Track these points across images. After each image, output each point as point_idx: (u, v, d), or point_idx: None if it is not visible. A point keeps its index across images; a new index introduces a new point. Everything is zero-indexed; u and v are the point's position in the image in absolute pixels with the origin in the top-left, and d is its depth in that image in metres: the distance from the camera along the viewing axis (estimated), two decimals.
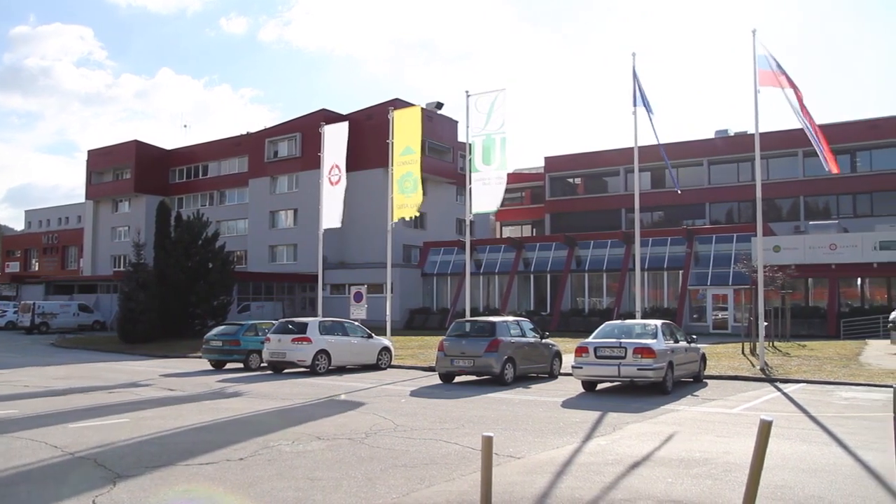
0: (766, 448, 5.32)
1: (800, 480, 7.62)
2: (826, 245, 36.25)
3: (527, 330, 18.83)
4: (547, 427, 11.16)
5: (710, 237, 40.32)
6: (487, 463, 5.39)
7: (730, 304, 37.48)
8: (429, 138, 51.58)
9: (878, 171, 45.53)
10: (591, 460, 8.76)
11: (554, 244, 44.73)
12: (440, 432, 10.65)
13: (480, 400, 14.55)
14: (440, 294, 47.13)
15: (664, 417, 12.18)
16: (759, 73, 19.24)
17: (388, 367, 22.04)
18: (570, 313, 41.55)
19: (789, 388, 16.19)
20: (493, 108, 23.27)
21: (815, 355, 22.64)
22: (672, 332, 16.51)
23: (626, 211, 52.52)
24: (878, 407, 13.03)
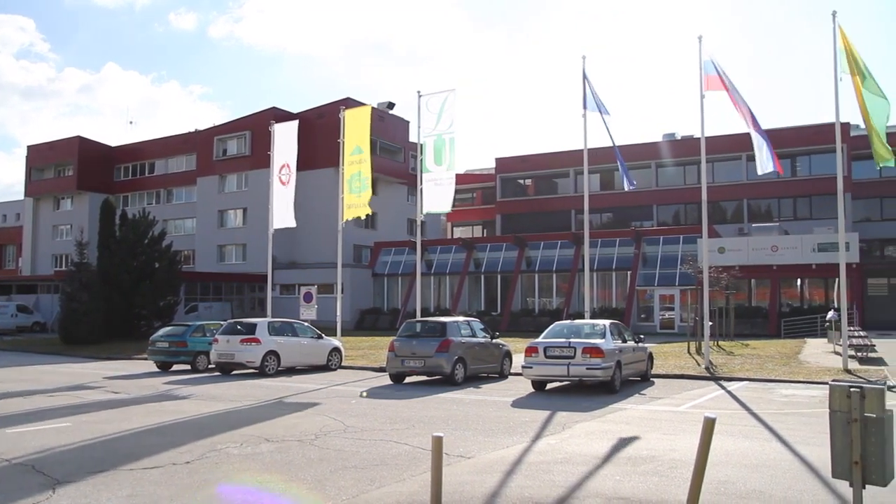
0: (710, 445, 5.44)
1: (742, 476, 7.80)
2: (768, 247, 37.26)
3: (477, 330, 18.90)
4: (497, 427, 11.21)
5: (657, 238, 41.05)
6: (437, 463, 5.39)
7: (676, 304, 38.20)
8: (380, 138, 51.40)
9: (817, 175, 46.88)
10: (541, 459, 8.82)
11: (504, 245, 44.98)
12: (390, 433, 10.62)
13: (431, 400, 14.55)
14: (391, 294, 46.99)
15: (612, 416, 12.34)
16: (704, 78, 19.64)
17: (339, 368, 21.89)
18: (521, 313, 41.83)
19: (733, 386, 16.56)
20: (444, 109, 23.29)
21: (757, 354, 23.24)
22: (620, 331, 16.74)
23: (575, 212, 53.09)
24: (815, 403, 13.42)
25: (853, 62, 17.92)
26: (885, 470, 5.34)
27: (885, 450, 5.32)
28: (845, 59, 17.99)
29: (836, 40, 18.21)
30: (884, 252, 51.42)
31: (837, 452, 5.51)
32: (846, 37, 18.14)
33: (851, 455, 5.38)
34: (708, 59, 19.57)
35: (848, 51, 18.01)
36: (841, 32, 18.19)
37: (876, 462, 5.33)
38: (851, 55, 17.96)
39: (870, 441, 5.32)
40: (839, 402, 5.50)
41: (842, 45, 18.06)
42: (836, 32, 18.23)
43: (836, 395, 5.54)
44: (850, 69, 17.89)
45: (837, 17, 18.35)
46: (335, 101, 45.48)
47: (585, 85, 21.44)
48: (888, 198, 50.24)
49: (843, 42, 18.08)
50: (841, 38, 18.14)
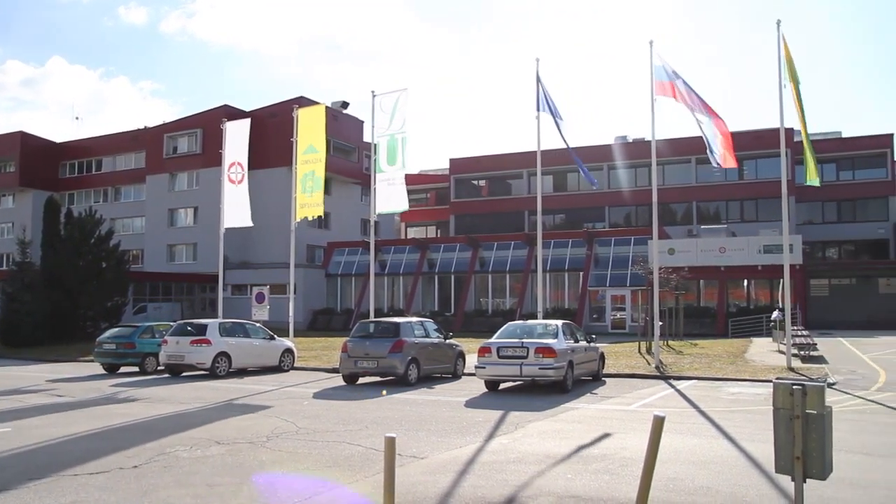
0: (659, 442, 5.53)
1: (690, 472, 7.96)
2: (716, 248, 38.07)
3: (431, 330, 18.92)
4: (450, 427, 11.24)
5: (609, 240, 41.60)
6: (390, 464, 5.38)
7: (627, 305, 38.78)
8: (334, 138, 51.09)
9: (763, 179, 48.10)
10: (494, 459, 8.88)
11: (458, 245, 45.11)
12: (343, 434, 10.56)
13: (384, 401, 14.51)
14: (344, 295, 46.74)
15: (564, 415, 12.47)
16: (655, 83, 19.97)
17: (291, 369, 21.68)
18: (474, 314, 42.00)
19: (682, 384, 16.88)
20: (397, 108, 23.27)
21: (705, 353, 23.73)
22: (572, 331, 16.92)
23: (529, 213, 53.53)
24: (760, 401, 13.75)
25: (792, 71, 18.45)
26: (825, 464, 5.51)
27: (825, 445, 5.49)
28: (787, 68, 18.49)
29: (780, 49, 18.70)
30: (825, 254, 53.05)
31: (780, 448, 5.67)
32: (788, 46, 18.65)
33: (793, 450, 5.54)
34: (660, 65, 19.90)
35: (788, 59, 18.53)
36: (784, 41, 18.68)
37: (816, 457, 5.50)
38: (791, 64, 18.48)
39: (811, 437, 5.48)
40: (782, 399, 5.66)
41: (785, 53, 18.55)
42: (780, 41, 18.72)
43: (779, 392, 5.69)
44: (791, 77, 18.41)
45: (781, 27, 18.84)
46: (289, 100, 45.10)
47: (539, 87, 21.62)
48: (829, 202, 51.85)
49: (786, 50, 18.58)
50: (783, 46, 18.63)
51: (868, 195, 51.60)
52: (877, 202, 51.89)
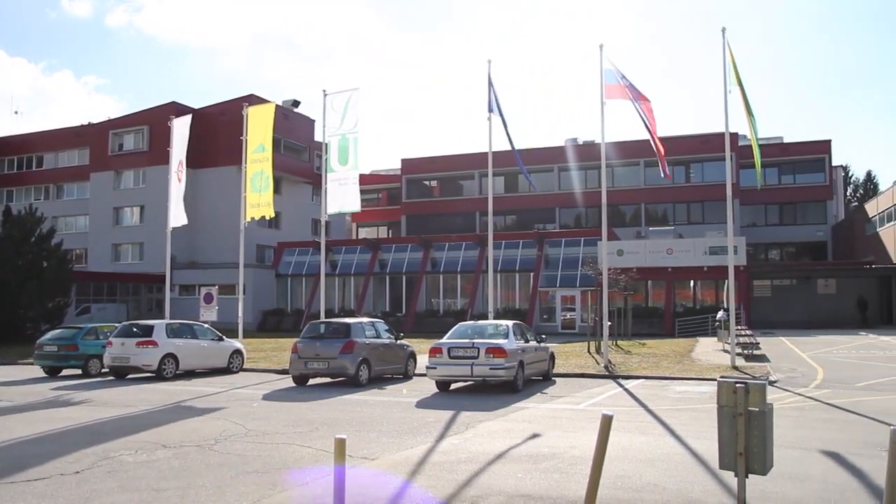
0: (608, 441, 5.62)
1: (638, 470, 8.10)
2: (664, 250, 38.79)
3: (382, 331, 18.88)
4: (401, 427, 11.22)
5: (559, 241, 42.04)
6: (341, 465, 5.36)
7: (577, 305, 39.24)
8: (285, 137, 50.60)
9: (709, 182, 49.23)
10: (445, 459, 8.90)
11: (410, 246, 45.07)
12: (293, 436, 10.47)
13: (335, 402, 14.43)
14: (295, 295, 46.31)
15: (515, 415, 12.56)
16: (605, 86, 20.27)
17: (240, 371, 21.39)
18: (426, 314, 42.02)
19: (630, 383, 17.15)
20: (348, 108, 23.15)
21: (653, 353, 24.17)
22: (523, 332, 17.06)
23: (480, 214, 53.77)
24: (706, 399, 14.05)
25: (738, 77, 18.92)
26: (766, 460, 5.67)
27: (766, 441, 5.65)
28: (733, 73, 18.95)
29: (726, 55, 19.15)
30: (768, 255, 54.57)
31: (724, 445, 5.81)
32: (732, 52, 19.12)
33: (737, 447, 5.69)
34: (610, 68, 20.20)
35: (734, 66, 18.99)
36: (729, 48, 19.14)
37: (758, 453, 5.65)
38: (736, 70, 18.95)
39: (753, 433, 5.63)
40: (726, 397, 5.80)
41: (730, 59, 19.01)
42: (725, 48, 19.17)
43: (723, 390, 5.84)
44: (738, 83, 18.88)
45: (726, 34, 19.29)
46: (239, 98, 44.53)
47: (490, 89, 21.74)
48: (771, 205, 53.38)
49: (731, 57, 19.04)
50: (729, 53, 19.08)
51: (808, 199, 53.27)
52: (816, 206, 53.60)
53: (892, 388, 15.19)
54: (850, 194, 74.97)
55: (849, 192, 74.93)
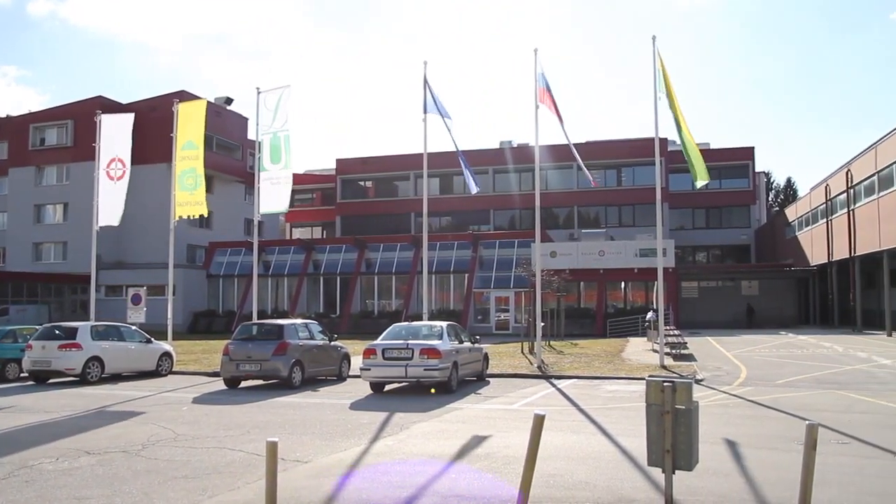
0: (540, 440, 5.70)
1: (570, 468, 8.23)
2: (596, 252, 39.54)
3: (315, 332, 18.70)
4: (335, 430, 11.14)
5: (493, 242, 42.40)
6: (272, 469, 5.29)
7: (511, 306, 39.64)
8: (218, 135, 49.65)
9: (640, 185, 50.41)
10: (379, 461, 8.87)
11: (344, 246, 44.78)
12: (224, 440, 10.28)
13: (267, 405, 14.22)
14: (226, 296, 45.46)
15: (449, 416, 12.61)
16: (539, 89, 20.54)
17: (170, 374, 20.86)
18: (360, 315, 41.82)
19: (563, 383, 17.40)
20: (280, 106, 22.87)
21: (585, 353, 24.60)
22: (457, 333, 17.13)
23: (415, 215, 53.81)
24: (635, 398, 14.37)
25: (667, 83, 19.42)
26: (692, 456, 5.85)
27: (692, 438, 5.82)
28: (663, 80, 19.44)
29: (656, 62, 19.63)
30: (695, 257, 56.20)
31: (652, 442, 5.97)
32: (662, 59, 19.61)
33: (664, 444, 5.84)
34: (542, 72, 20.48)
35: (664, 72, 19.49)
36: (659, 55, 19.62)
37: (684, 450, 5.82)
38: (665, 77, 19.45)
39: (679, 431, 5.80)
40: (654, 395, 5.96)
41: (660, 66, 19.49)
42: (656, 55, 19.65)
43: (651, 389, 5.99)
44: (668, 89, 19.37)
45: (657, 42, 19.78)
46: (170, 94, 43.39)
47: (426, 89, 21.77)
48: (698, 209, 55.01)
49: (661, 64, 19.53)
50: (659, 60, 19.57)
51: (733, 203, 55.09)
52: (740, 210, 55.50)
53: (808, 384, 15.83)
54: (771, 199, 77.78)
55: (770, 197, 77.74)
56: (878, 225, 31.79)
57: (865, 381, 16.25)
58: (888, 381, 16.21)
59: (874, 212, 32.22)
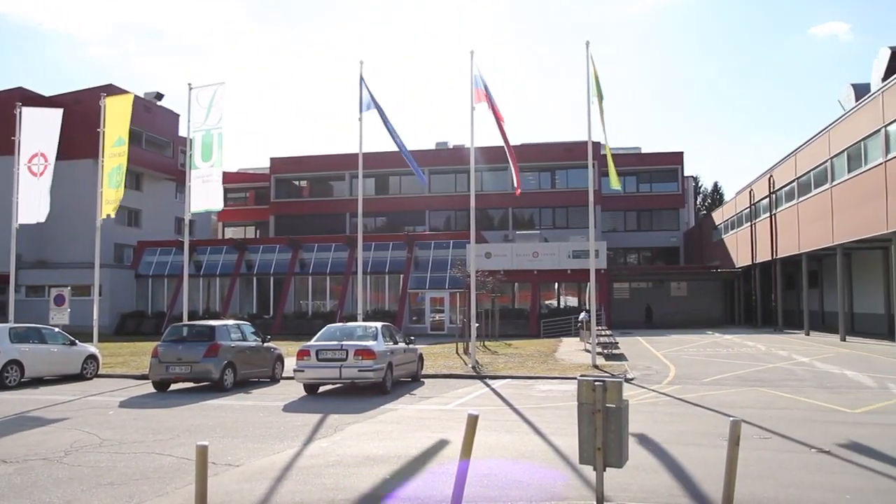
0: (474, 440, 5.74)
1: (504, 468, 8.30)
2: (530, 253, 40.02)
3: (248, 333, 18.41)
4: (268, 432, 10.98)
5: (429, 243, 42.46)
6: (202, 473, 5.19)
7: (446, 307, 39.76)
8: (147, 131, 48.34)
9: (573, 188, 51.22)
10: (312, 463, 8.78)
11: (278, 246, 44.18)
12: (152, 444, 10.01)
13: (198, 408, 13.92)
14: (156, 297, 44.29)
15: (384, 417, 12.57)
16: (475, 91, 20.66)
17: (95, 377, 20.20)
18: (294, 316, 41.33)
19: (497, 383, 17.54)
20: (213, 103, 22.44)
21: (519, 353, 24.85)
22: (392, 333, 17.11)
23: (350, 215, 53.49)
24: (568, 397, 14.59)
25: (599, 88, 19.81)
26: (622, 454, 5.97)
27: (622, 436, 5.95)
28: (596, 85, 19.81)
29: (589, 67, 19.99)
30: (626, 259, 57.43)
31: (584, 440, 6.07)
32: (595, 65, 19.99)
33: (595, 442, 5.95)
34: (478, 74, 20.61)
35: (597, 77, 19.87)
36: (592, 60, 19.99)
37: (614, 447, 5.94)
38: (597, 82, 19.84)
39: (610, 429, 5.91)
40: (586, 395, 6.06)
41: (593, 71, 19.86)
42: (589, 61, 20.01)
43: (583, 388, 6.10)
44: (598, 95, 19.76)
45: (590, 48, 20.14)
46: (97, 87, 42.02)
47: (362, 89, 21.66)
48: (630, 211, 56.25)
49: (594, 69, 19.90)
50: (592, 65, 19.93)
51: (663, 206, 56.52)
52: (670, 213, 56.98)
53: (733, 382, 16.35)
54: (699, 203, 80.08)
55: (698, 201, 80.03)
56: (797, 229, 33.07)
57: (786, 378, 16.88)
58: (806, 378, 16.88)
59: (794, 216, 33.51)
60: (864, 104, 26.03)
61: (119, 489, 7.56)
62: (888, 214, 23.46)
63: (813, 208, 30.98)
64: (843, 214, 27.58)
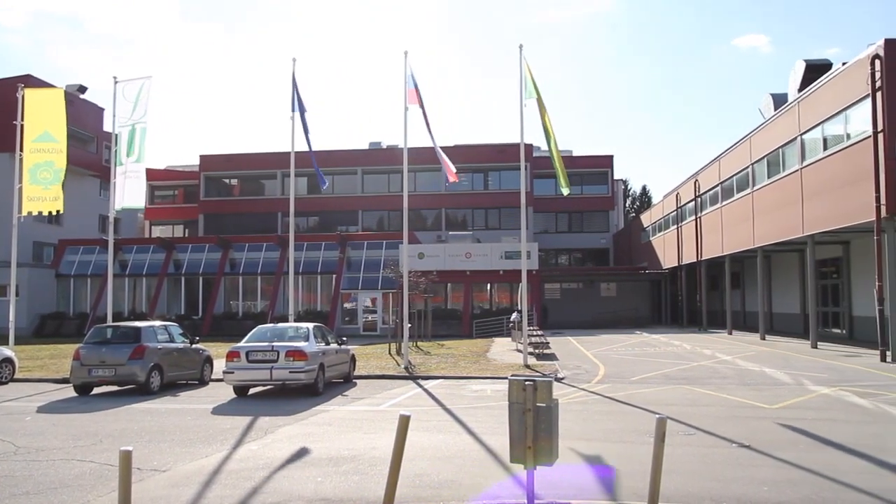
0: (405, 441, 5.74)
1: (436, 468, 8.33)
2: (462, 254, 40.23)
3: (176, 335, 17.96)
4: (196, 436, 10.74)
5: (361, 243, 42.23)
6: (126, 479, 5.03)
7: (379, 307, 39.61)
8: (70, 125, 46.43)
9: (506, 189, 51.69)
10: (242, 466, 8.64)
11: (208, 246, 43.23)
12: (73, 451, 9.67)
13: (122, 412, 13.52)
14: (78, 297, 42.74)
15: (315, 418, 12.45)
16: (408, 91, 20.67)
17: (11, 381, 19.35)
18: (224, 317, 40.53)
19: (429, 384, 17.57)
20: (140, 97, 21.84)
21: (451, 353, 24.95)
22: (324, 334, 16.97)
23: (282, 215, 52.76)
24: (500, 396, 14.72)
25: (537, 90, 20.05)
26: (552, 451, 6.06)
27: (552, 434, 6.04)
28: (531, 87, 20.06)
29: (522, 70, 20.23)
30: (558, 260, 58.30)
31: (515, 439, 6.13)
32: (530, 68, 20.25)
33: (526, 441, 6.02)
34: (412, 73, 20.63)
35: (532, 80, 20.12)
36: (526, 63, 20.24)
37: (545, 446, 6.03)
38: (534, 84, 20.09)
39: (540, 427, 6.00)
40: (516, 394, 6.13)
41: (527, 74, 20.10)
42: (522, 63, 20.25)
43: (513, 388, 6.16)
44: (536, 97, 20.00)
45: (523, 50, 20.39)
46: (13, 77, 40.29)
47: (294, 88, 21.42)
48: (561, 213, 57.14)
49: (528, 72, 20.14)
50: (526, 69, 20.18)
51: (593, 208, 57.60)
52: (600, 215, 58.12)
53: (659, 381, 16.78)
54: (628, 206, 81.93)
55: (627, 203, 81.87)
56: (721, 232, 34.17)
57: (709, 376, 17.43)
58: (729, 375, 17.45)
59: (718, 219, 34.61)
60: (781, 113, 27.07)
61: (36, 498, 7.28)
62: (804, 219, 24.46)
63: (736, 212, 32.05)
64: (763, 218, 28.62)
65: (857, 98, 20.94)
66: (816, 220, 23.64)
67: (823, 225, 23.22)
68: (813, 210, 23.86)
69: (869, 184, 19.93)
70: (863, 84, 20.40)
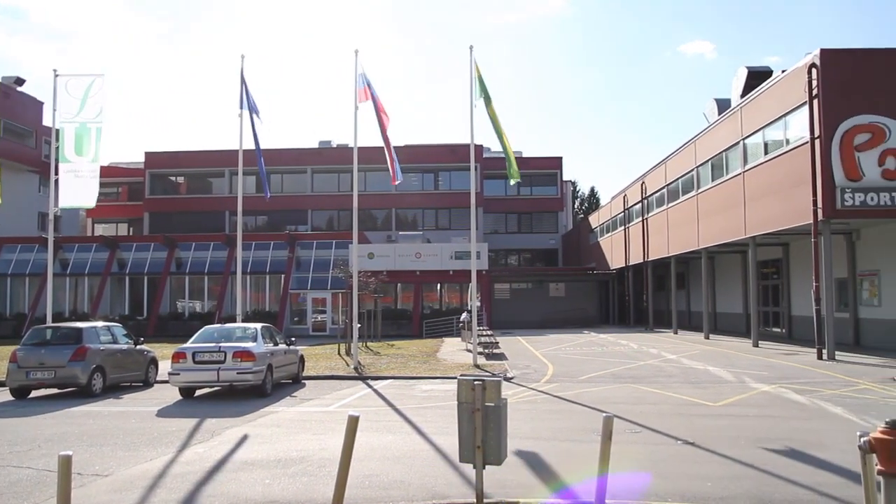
0: (354, 441, 5.72)
1: (385, 468, 8.31)
2: (412, 254, 40.23)
3: (119, 336, 17.56)
4: (140, 439, 10.52)
5: (311, 243, 41.91)
6: (65, 485, 4.90)
7: (328, 307, 39.36)
8: (6, 118, 45.23)
9: (456, 190, 51.86)
10: (188, 469, 8.49)
11: (153, 245, 42.37)
12: (8, 457, 9.37)
13: (62, 415, 13.15)
14: (15, 298, 41.44)
15: (263, 420, 12.31)
16: (359, 90, 20.59)
17: None
18: (169, 317, 39.79)
19: (379, 384, 17.52)
20: (89, 95, 21.23)
21: (401, 353, 24.92)
22: (272, 335, 16.80)
23: (230, 213, 52.05)
24: (449, 396, 14.76)
25: (486, 90, 20.18)
26: (501, 451, 6.12)
27: (501, 433, 6.09)
28: (479, 87, 20.16)
29: (472, 70, 20.32)
30: (507, 261, 58.71)
31: (464, 439, 6.17)
32: (479, 69, 20.34)
33: (475, 440, 6.06)
34: (363, 73, 20.55)
35: (481, 80, 20.23)
36: (476, 64, 20.33)
37: (494, 445, 6.07)
38: (483, 84, 20.21)
39: (489, 427, 6.04)
40: (465, 394, 6.16)
41: (476, 74, 20.20)
42: (472, 64, 20.34)
43: (462, 388, 6.19)
44: (485, 96, 20.12)
45: (474, 51, 20.48)
46: None
47: (243, 85, 21.15)
48: (511, 214, 57.60)
49: (478, 72, 20.24)
50: (476, 69, 20.27)
51: (542, 209, 58.20)
52: (549, 216, 58.75)
53: (606, 380, 17.04)
54: (577, 207, 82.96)
55: (576, 205, 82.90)
56: (666, 233, 34.84)
57: (655, 375, 17.76)
58: (674, 374, 17.81)
59: (664, 221, 35.29)
60: (725, 118, 27.75)
61: None
62: (746, 221, 25.11)
63: (681, 214, 32.72)
64: (707, 220, 29.29)
65: (795, 105, 21.59)
66: (758, 222, 24.29)
67: (764, 227, 23.88)
68: (755, 212, 24.51)
69: (807, 188, 20.56)
70: (801, 91, 21.04)
